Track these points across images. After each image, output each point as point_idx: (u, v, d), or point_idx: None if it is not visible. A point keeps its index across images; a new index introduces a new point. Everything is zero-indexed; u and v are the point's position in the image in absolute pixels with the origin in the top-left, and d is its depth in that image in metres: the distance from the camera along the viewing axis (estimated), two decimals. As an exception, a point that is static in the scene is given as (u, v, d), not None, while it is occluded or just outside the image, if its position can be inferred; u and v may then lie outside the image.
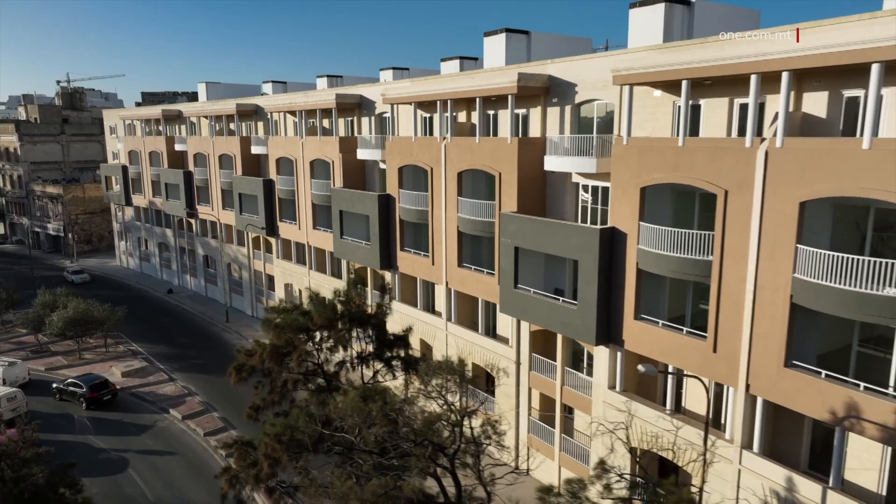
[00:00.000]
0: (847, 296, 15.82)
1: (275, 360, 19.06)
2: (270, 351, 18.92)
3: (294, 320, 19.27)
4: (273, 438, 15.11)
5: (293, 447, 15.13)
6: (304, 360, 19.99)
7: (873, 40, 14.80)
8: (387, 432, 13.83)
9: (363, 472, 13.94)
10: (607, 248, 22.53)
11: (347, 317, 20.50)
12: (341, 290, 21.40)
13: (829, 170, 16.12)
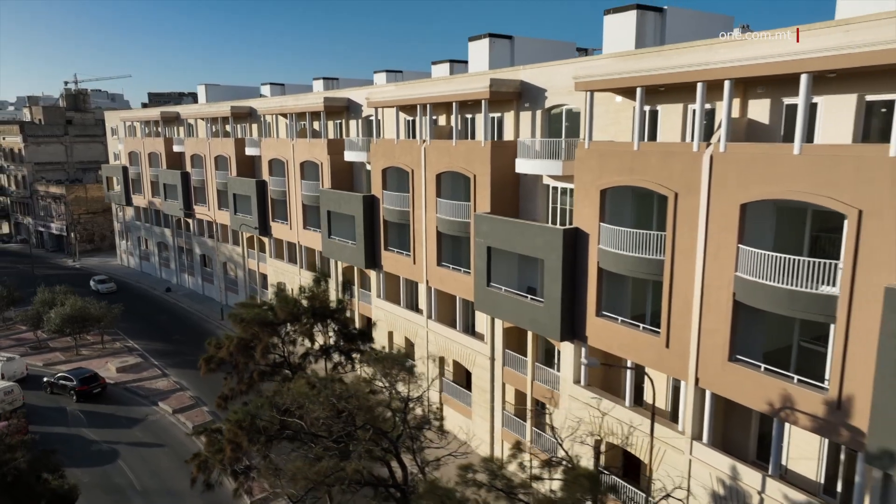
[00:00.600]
0: (780, 293, 16.72)
1: (241, 353, 20.12)
2: (237, 343, 19.99)
3: (258, 315, 20.35)
4: (235, 425, 16.18)
5: (253, 433, 16.22)
6: (270, 352, 21.05)
7: (801, 52, 15.68)
8: (332, 417, 14.83)
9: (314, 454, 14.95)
10: (571, 247, 23.45)
11: (310, 312, 21.51)
12: (306, 287, 22.40)
13: (764, 174, 17.01)
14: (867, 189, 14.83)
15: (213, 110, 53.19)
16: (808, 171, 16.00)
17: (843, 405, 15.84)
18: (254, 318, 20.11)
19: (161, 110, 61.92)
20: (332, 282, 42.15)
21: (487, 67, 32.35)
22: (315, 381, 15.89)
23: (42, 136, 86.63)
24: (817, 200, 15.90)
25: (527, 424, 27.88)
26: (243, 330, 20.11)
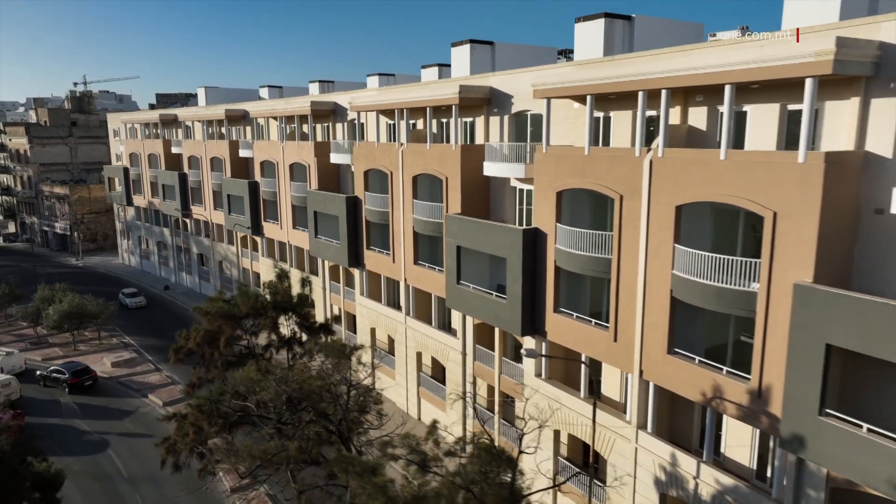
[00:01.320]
0: (708, 289, 17.84)
1: (207, 344, 21.44)
2: (203, 335, 21.31)
3: (221, 308, 21.66)
4: (196, 409, 17.44)
5: (213, 417, 17.48)
6: (235, 343, 22.37)
7: (725, 64, 16.80)
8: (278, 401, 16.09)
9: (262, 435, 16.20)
10: (531, 247, 24.62)
11: (272, 305, 22.81)
12: (269, 282, 23.71)
13: (696, 177, 18.13)
14: (780, 192, 15.94)
15: (208, 113, 54.67)
16: (731, 175, 17.12)
17: (763, 394, 16.94)
18: (217, 312, 21.46)
19: (160, 113, 63.47)
20: (321, 278, 43.56)
21: (469, 72, 33.50)
22: (264, 367, 17.21)
23: (47, 138, 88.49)
24: (739, 203, 17.02)
25: (495, 416, 29.06)
26: (209, 323, 21.46)
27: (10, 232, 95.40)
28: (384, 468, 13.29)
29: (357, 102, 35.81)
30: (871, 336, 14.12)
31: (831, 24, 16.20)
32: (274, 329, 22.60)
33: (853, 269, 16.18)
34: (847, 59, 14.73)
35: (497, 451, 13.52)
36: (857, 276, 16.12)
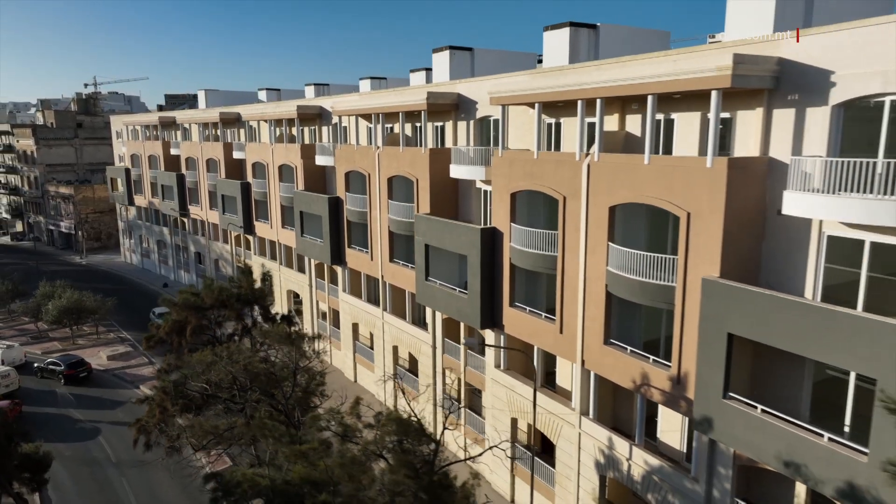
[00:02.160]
0: (634, 284, 19.29)
1: (176, 332, 23.11)
2: (171, 325, 22.98)
3: (186, 299, 23.32)
4: (161, 391, 19.04)
5: (175, 397, 19.10)
6: (202, 332, 24.06)
7: (645, 77, 18.24)
8: (228, 382, 17.72)
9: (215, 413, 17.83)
10: (489, 245, 26.12)
11: (235, 297, 24.46)
12: (234, 276, 25.37)
13: (625, 180, 19.58)
14: (692, 194, 17.37)
15: (204, 116, 56.48)
16: (653, 178, 18.56)
17: (681, 380, 18.37)
18: (183, 303, 23.13)
19: (159, 115, 65.39)
20: (307, 276, 45.21)
21: (448, 78, 34.95)
22: (218, 351, 18.88)
23: (53, 139, 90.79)
24: (660, 203, 18.45)
25: (461, 406, 30.55)
26: (177, 313, 23.13)
27: (18, 231, 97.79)
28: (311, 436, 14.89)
29: (339, 107, 37.44)
30: (761, 325, 15.54)
31: (737, 41, 17.66)
32: (238, 319, 24.30)
33: (761, 265, 17.57)
34: (746, 74, 16.15)
35: (412, 423, 15.01)
36: (765, 272, 17.50)
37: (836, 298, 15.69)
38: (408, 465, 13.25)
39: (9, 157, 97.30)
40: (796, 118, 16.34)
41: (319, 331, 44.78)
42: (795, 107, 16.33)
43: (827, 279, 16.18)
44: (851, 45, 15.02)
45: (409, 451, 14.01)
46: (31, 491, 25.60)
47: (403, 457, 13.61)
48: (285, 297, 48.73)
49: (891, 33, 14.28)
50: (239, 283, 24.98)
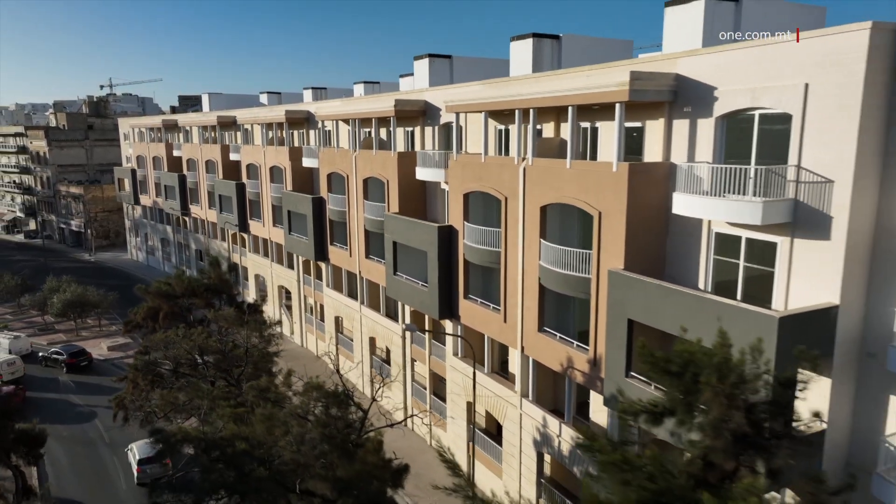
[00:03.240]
0: (559, 276, 21.38)
1: (150, 318, 25.50)
2: (146, 311, 25.37)
3: (159, 288, 25.71)
4: (133, 369, 21.36)
5: (147, 374, 21.45)
6: (174, 318, 26.45)
7: (562, 90, 20.33)
8: (187, 358, 20.07)
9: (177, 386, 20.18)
10: (446, 241, 28.28)
11: (203, 287, 26.83)
12: (205, 268, 27.74)
13: (552, 182, 21.66)
14: (602, 195, 19.43)
15: (204, 119, 59.08)
16: (574, 181, 20.64)
17: (597, 362, 20.44)
18: (156, 291, 25.53)
19: (163, 118, 68.18)
20: (296, 272, 47.61)
21: (428, 84, 37.10)
22: (175, 333, 21.21)
23: (65, 141, 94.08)
24: (578, 204, 20.52)
25: (427, 392, 32.77)
26: (151, 301, 25.52)
27: (31, 229, 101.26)
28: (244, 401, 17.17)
29: (321, 112, 39.76)
30: (652, 311, 17.58)
31: (642, 58, 19.67)
32: (208, 306, 26.68)
33: (666, 259, 19.59)
34: (643, 89, 18.20)
35: (339, 393, 17.18)
36: (669, 266, 19.52)
37: (727, 290, 17.72)
38: (323, 424, 15.44)
39: (23, 157, 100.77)
40: (690, 128, 18.36)
41: (307, 324, 47.21)
42: (689, 118, 18.34)
43: (718, 272, 18.19)
44: (728, 65, 17.03)
45: (335, 417, 16.22)
46: (27, 464, 28.13)
47: (324, 419, 15.81)
48: (276, 292, 51.20)
49: (755, 56, 16.29)
50: (208, 274, 27.38)
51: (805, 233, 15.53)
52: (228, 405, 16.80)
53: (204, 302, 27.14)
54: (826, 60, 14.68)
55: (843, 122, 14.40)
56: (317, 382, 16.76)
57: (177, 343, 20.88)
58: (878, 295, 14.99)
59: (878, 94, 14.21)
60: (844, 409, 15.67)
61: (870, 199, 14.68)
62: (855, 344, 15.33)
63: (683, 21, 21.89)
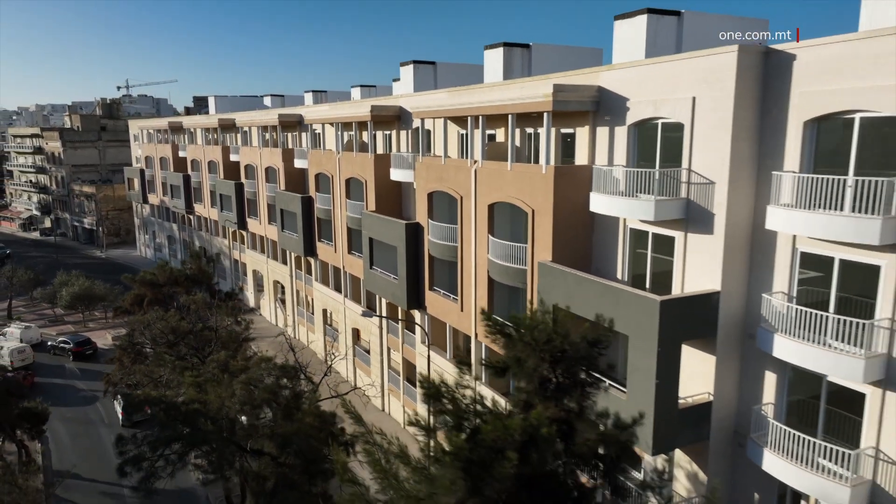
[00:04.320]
0: (502, 268, 23.60)
1: (137, 304, 28.07)
2: (133, 297, 27.93)
3: (143, 277, 28.27)
4: (120, 348, 23.86)
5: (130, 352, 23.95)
6: (158, 304, 29.00)
7: (498, 100, 22.54)
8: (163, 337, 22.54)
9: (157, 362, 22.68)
10: (413, 237, 30.58)
11: (184, 277, 29.37)
12: (188, 259, 30.30)
13: (497, 183, 23.88)
14: (535, 195, 21.61)
15: (206, 121, 61.90)
16: (513, 182, 22.85)
17: (532, 346, 22.58)
18: (140, 280, 28.08)
19: (168, 120, 71.14)
20: (289, 267, 50.15)
21: (413, 89, 39.35)
22: (152, 315, 23.74)
23: (79, 141, 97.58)
24: (516, 202, 22.72)
25: (400, 378, 35.09)
26: (137, 288, 28.09)
27: (46, 227, 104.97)
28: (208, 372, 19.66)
29: (309, 116, 42.27)
30: (570, 297, 19.70)
31: (570, 73, 21.81)
32: (188, 294, 29.25)
33: (593, 253, 21.74)
34: (566, 100, 20.37)
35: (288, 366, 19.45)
36: (595, 259, 21.67)
37: (642, 279, 19.83)
38: (271, 392, 17.74)
39: (39, 158, 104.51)
40: (609, 134, 20.50)
41: (299, 317, 49.72)
42: (608, 125, 20.49)
43: (633, 264, 20.31)
44: (637, 79, 19.18)
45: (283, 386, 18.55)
46: (31, 439, 30.83)
47: (274, 387, 18.14)
48: (272, 286, 53.79)
49: (656, 71, 18.42)
50: (190, 265, 29.89)
51: (695, 228, 17.64)
52: (191, 375, 19.22)
53: (184, 290, 29.71)
54: (707, 77, 16.79)
55: (721, 130, 16.50)
56: (266, 356, 19.13)
57: (153, 324, 23.43)
58: (755, 283, 17.06)
59: (749, 106, 16.30)
60: (730, 383, 17.74)
61: (745, 198, 16.75)
62: (737, 326, 17.41)
63: (629, 33, 23.85)
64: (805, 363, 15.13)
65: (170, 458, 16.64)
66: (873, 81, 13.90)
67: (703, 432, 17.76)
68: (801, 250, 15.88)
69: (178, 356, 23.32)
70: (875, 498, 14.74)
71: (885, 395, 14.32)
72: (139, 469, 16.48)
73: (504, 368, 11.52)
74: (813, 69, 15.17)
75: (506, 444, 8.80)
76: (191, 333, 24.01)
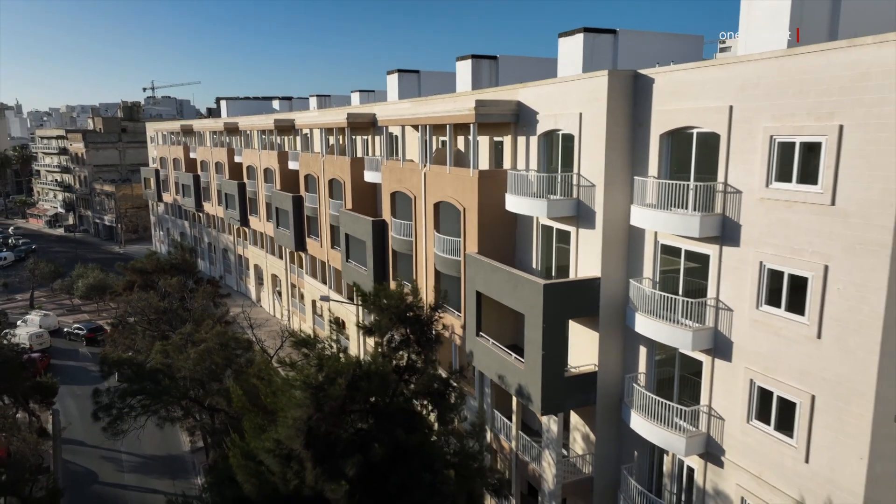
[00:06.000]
0: (442, 260, 26.83)
1: (128, 289, 31.80)
2: (125, 284, 31.68)
3: (134, 266, 32.04)
4: (112, 326, 27.49)
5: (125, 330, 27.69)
6: (146, 289, 32.75)
7: (435, 112, 25.75)
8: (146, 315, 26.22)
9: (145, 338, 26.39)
10: (379, 233, 33.94)
11: (169, 266, 33.08)
12: (172, 251, 33.95)
13: (439, 184, 27.11)
14: (465, 195, 24.81)
15: (214, 125, 65.94)
16: (451, 183, 26.07)
17: (466, 327, 25.81)
18: (131, 268, 31.85)
19: (181, 123, 75.43)
20: (284, 261, 53.87)
21: (397, 96, 42.70)
22: (134, 297, 27.45)
23: (100, 143, 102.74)
24: (452, 202, 25.94)
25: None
26: (129, 275, 31.86)
27: (70, 223, 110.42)
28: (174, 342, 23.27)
29: (299, 122, 45.86)
30: (487, 284, 22.92)
31: (495, 89, 24.93)
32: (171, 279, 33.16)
33: (516, 247, 24.88)
34: (487, 113, 23.54)
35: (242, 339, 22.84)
36: (518, 252, 24.80)
37: (550, 267, 22.95)
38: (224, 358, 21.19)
39: (63, 158, 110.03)
40: (525, 143, 23.62)
41: (293, 308, 53.40)
42: (525, 135, 23.62)
43: (544, 255, 23.41)
44: (544, 96, 22.28)
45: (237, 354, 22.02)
46: (41, 409, 34.83)
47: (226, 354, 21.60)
48: (270, 279, 57.59)
49: (556, 90, 21.52)
50: (175, 255, 33.59)
51: (584, 224, 20.71)
52: (161, 345, 22.75)
53: (169, 276, 33.51)
54: (588, 96, 19.86)
55: (598, 141, 19.57)
56: (222, 329, 22.64)
57: (135, 304, 27.08)
58: (630, 270, 20.09)
59: (621, 121, 19.33)
60: (613, 355, 20.74)
61: (620, 199, 19.78)
62: (618, 307, 20.43)
63: (570, 49, 26.95)
64: (656, 336, 18.16)
65: (133, 406, 20.26)
66: (702, 103, 16.91)
67: (590, 398, 20.81)
68: (662, 242, 18.90)
69: (157, 331, 26.96)
70: (709, 447, 17.73)
71: (714, 361, 17.32)
72: (109, 414, 20.06)
73: (371, 329, 14.70)
74: (665, 91, 18.19)
75: (338, 375, 12.06)
76: (168, 312, 27.66)
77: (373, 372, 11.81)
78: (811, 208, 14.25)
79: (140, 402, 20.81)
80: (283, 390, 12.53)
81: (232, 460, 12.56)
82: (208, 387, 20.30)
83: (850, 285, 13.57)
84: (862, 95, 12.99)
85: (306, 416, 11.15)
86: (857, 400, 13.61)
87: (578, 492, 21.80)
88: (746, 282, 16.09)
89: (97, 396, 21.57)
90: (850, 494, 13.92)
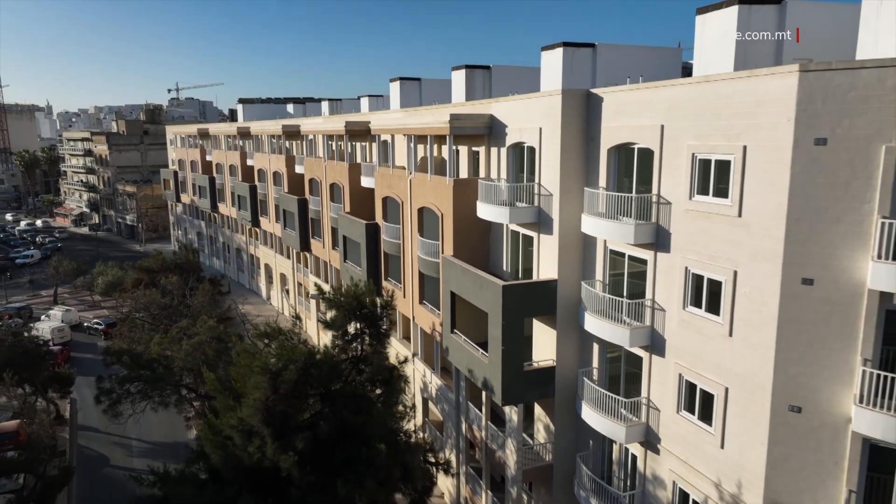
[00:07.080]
0: (425, 262, 28.69)
1: (135, 286, 34.18)
2: (132, 281, 34.06)
3: (141, 265, 34.36)
4: (120, 320, 29.85)
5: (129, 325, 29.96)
6: (152, 286, 35.10)
7: (422, 123, 27.61)
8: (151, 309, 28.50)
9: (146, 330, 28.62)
10: (372, 236, 35.88)
11: (174, 265, 35.37)
12: (176, 251, 36.21)
13: (422, 191, 28.96)
14: (443, 201, 26.64)
15: (228, 129, 68.55)
16: (431, 190, 27.91)
17: (443, 323, 27.63)
18: (138, 266, 34.18)
19: (197, 127, 78.28)
20: (291, 261, 56.14)
21: (399, 103, 44.63)
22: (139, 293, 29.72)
23: (123, 145, 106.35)
24: (433, 207, 27.78)
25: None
26: (136, 273, 34.21)
27: (94, 223, 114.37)
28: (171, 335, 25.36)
29: (304, 128, 48.05)
30: (458, 285, 24.72)
31: (470, 103, 26.69)
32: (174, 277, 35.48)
33: (490, 250, 26.63)
34: (461, 125, 25.34)
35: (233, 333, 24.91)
36: (491, 256, 26.56)
37: (517, 269, 24.68)
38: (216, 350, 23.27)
39: (89, 160, 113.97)
40: (496, 154, 25.38)
41: (300, 305, 55.65)
42: (496, 146, 25.37)
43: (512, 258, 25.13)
44: (511, 111, 24.01)
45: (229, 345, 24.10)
46: (60, 398, 37.40)
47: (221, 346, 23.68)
48: (279, 278, 59.96)
49: (520, 105, 23.25)
50: (179, 255, 35.88)
51: (544, 230, 22.41)
52: (159, 337, 24.89)
53: (173, 275, 35.85)
54: (546, 112, 21.56)
55: (554, 153, 21.26)
56: (213, 324, 24.77)
57: (139, 300, 29.36)
58: (585, 273, 21.75)
59: (576, 136, 21.00)
60: (570, 351, 22.41)
61: (575, 207, 21.43)
62: (574, 307, 22.08)
63: (551, 62, 28.62)
64: (601, 334, 19.82)
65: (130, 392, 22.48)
66: (640, 121, 18.55)
67: (549, 391, 22.51)
68: (610, 248, 20.55)
69: (160, 325, 29.23)
70: (648, 436, 19.36)
71: (651, 357, 18.95)
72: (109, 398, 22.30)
73: (328, 323, 16.61)
74: (611, 109, 19.85)
75: (291, 363, 13.96)
76: (169, 308, 29.94)
77: (323, 361, 13.66)
78: (724, 219, 15.86)
79: (137, 387, 23.08)
80: (247, 375, 14.45)
81: (202, 434, 14.45)
82: (205, 376, 22.50)
83: (753, 289, 15.16)
84: (760, 120, 14.59)
85: (264, 398, 13.02)
86: (759, 391, 15.19)
87: (540, 478, 23.53)
88: (675, 284, 17.71)
89: (100, 382, 23.82)
90: (754, 476, 15.50)
